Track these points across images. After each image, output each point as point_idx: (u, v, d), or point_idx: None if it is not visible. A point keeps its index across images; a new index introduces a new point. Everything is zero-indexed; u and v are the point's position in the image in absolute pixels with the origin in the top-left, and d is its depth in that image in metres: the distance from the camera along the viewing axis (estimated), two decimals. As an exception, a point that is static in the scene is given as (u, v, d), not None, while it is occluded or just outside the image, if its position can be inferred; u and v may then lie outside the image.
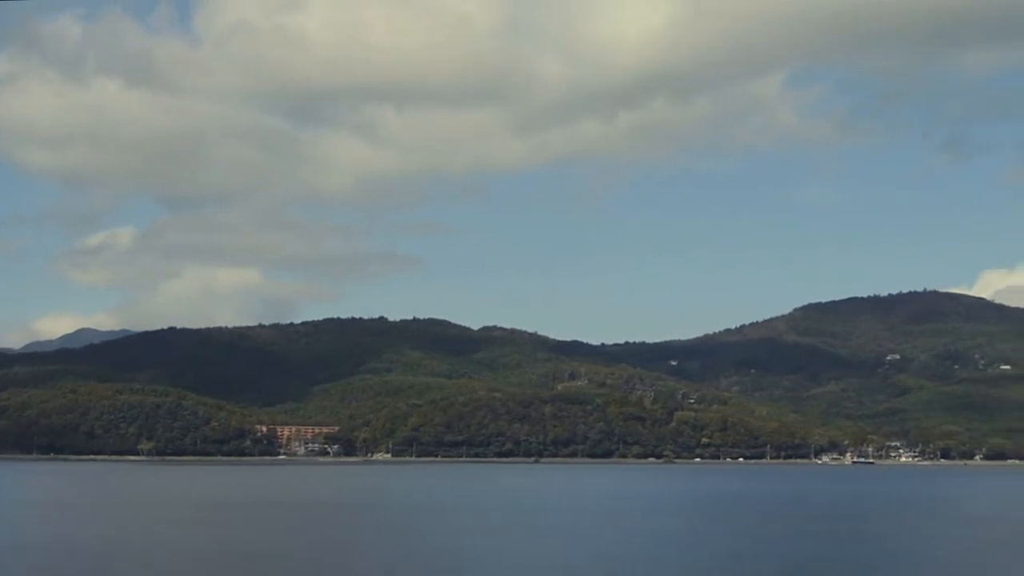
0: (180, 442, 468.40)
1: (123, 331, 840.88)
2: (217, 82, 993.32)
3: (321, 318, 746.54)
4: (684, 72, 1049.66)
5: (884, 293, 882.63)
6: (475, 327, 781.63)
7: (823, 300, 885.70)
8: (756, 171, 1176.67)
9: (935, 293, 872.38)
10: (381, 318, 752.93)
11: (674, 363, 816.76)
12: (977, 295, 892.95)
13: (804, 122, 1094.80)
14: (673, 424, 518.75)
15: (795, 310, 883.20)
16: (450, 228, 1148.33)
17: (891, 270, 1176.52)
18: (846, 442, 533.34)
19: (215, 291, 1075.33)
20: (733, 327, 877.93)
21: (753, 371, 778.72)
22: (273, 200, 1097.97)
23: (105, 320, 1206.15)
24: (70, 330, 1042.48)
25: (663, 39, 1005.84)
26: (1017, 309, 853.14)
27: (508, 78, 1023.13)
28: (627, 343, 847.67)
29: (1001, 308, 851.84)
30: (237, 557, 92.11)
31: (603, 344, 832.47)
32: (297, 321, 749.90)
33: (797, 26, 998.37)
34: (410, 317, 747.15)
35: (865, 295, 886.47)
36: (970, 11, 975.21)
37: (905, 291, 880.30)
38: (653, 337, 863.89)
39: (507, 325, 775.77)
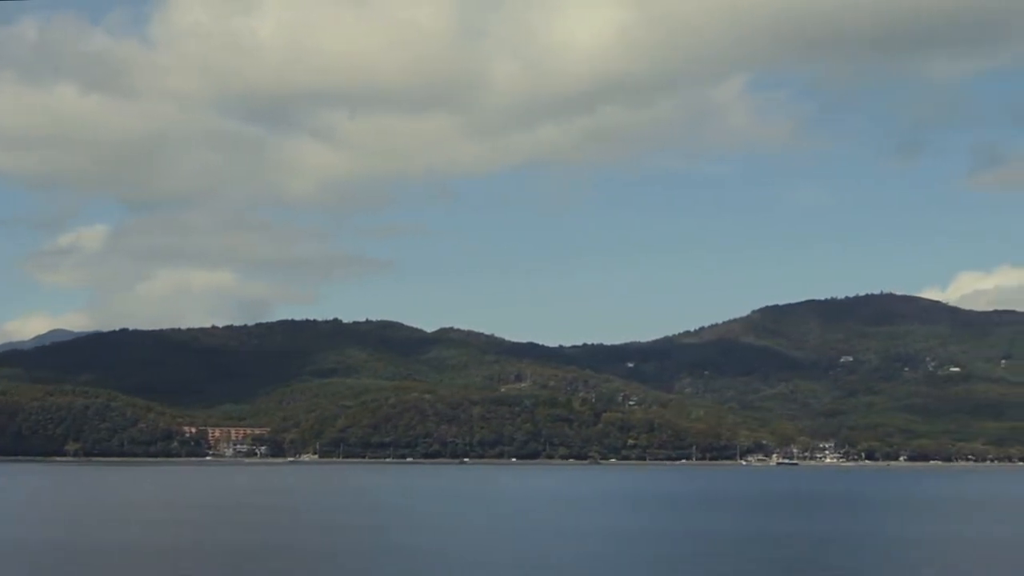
0: (107, 443, 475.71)
1: (96, 332, 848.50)
2: (174, 86, 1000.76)
3: (276, 320, 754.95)
4: (640, 77, 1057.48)
5: (841, 296, 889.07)
6: (433, 328, 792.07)
7: (781, 303, 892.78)
8: (717, 174, 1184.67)
9: (891, 296, 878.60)
10: (335, 320, 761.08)
11: (631, 365, 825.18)
12: (935, 298, 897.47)
13: (762, 126, 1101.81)
14: (600, 426, 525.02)
15: (752, 312, 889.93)
16: (419, 231, 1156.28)
17: (852, 273, 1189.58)
18: (772, 444, 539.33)
19: (187, 292, 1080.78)
20: (692, 329, 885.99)
21: (707, 373, 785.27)
22: (237, 203, 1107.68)
23: (77, 320, 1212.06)
24: (43, 331, 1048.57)
25: (617, 44, 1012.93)
26: (971, 312, 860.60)
27: (462, 83, 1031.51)
28: (585, 345, 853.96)
29: (955, 311, 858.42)
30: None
31: (560, 346, 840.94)
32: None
33: (754, 31, 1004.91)
34: (363, 319, 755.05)
35: (823, 298, 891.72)
36: (932, 17, 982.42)
37: (862, 294, 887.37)
38: (616, 339, 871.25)
39: (469, 327, 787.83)
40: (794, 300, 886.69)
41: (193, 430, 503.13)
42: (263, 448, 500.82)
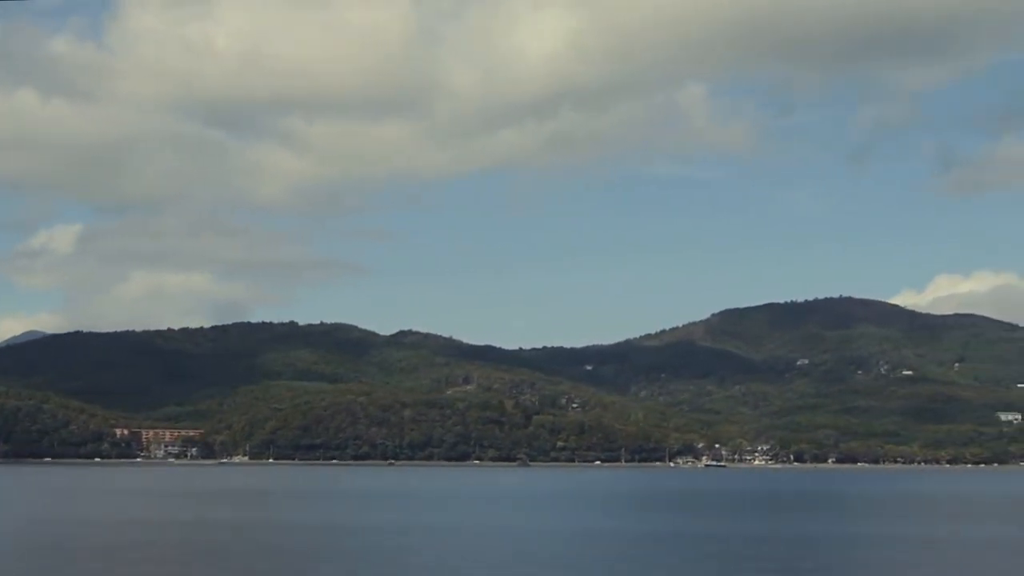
0: (37, 444, 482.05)
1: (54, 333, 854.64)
2: (134, 92, 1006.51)
3: (230, 322, 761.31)
4: (598, 82, 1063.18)
5: (800, 299, 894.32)
6: (393, 331, 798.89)
7: (741, 306, 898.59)
8: (680, 179, 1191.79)
9: (849, 300, 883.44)
10: (291, 322, 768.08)
11: (589, 368, 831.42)
12: (906, 303, 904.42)
13: (721, 131, 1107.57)
14: (531, 428, 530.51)
15: (712, 315, 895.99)
16: (388, 235, 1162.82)
17: (813, 277, 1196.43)
18: (701, 445, 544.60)
19: (160, 294, 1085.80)
20: (653, 332, 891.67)
21: (663, 375, 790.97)
22: (206, 207, 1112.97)
23: (52, 321, 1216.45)
24: (17, 332, 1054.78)
25: (574, 50, 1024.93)
26: (929, 315, 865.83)
27: (421, 90, 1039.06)
28: (544, 348, 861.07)
29: (913, 315, 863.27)
30: None
31: (520, 348, 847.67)
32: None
33: (710, 37, 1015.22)
34: (318, 322, 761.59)
35: (782, 301, 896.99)
36: (888, 25, 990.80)
37: (821, 297, 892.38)
38: (579, 342, 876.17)
39: (436, 329, 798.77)
40: (755, 303, 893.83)
41: (125, 432, 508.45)
42: (194, 450, 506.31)
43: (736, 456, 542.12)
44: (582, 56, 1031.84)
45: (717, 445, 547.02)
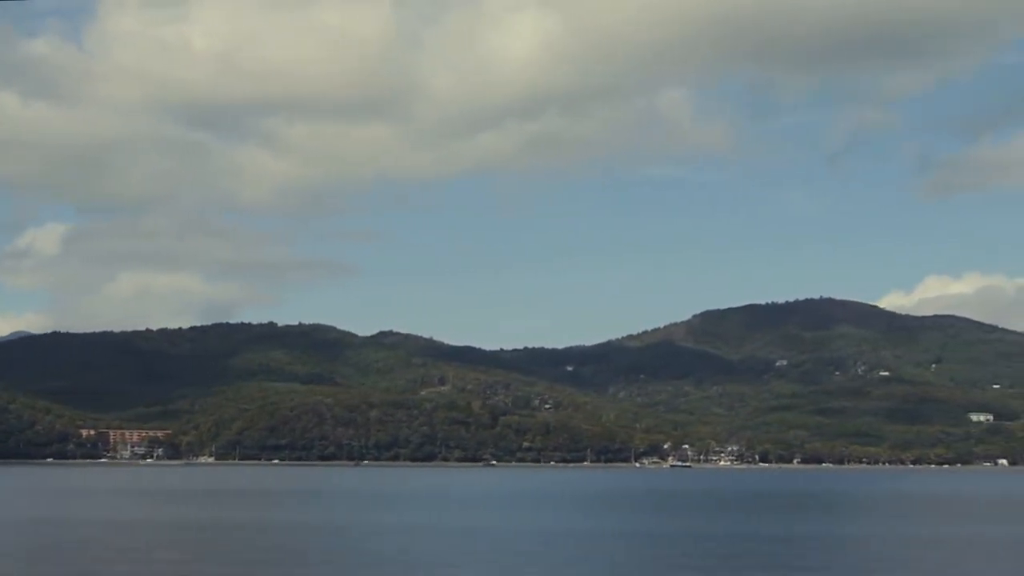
0: (3, 445, 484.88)
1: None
2: (115, 95, 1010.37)
3: (211, 323, 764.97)
4: (577, 86, 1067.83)
5: (781, 300, 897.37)
6: (374, 331, 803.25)
7: (722, 307, 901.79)
8: (667, 179, 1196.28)
9: (830, 301, 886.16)
10: (270, 323, 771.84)
11: (570, 368, 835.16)
12: (874, 304, 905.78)
13: (703, 132, 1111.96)
14: (497, 428, 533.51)
15: (693, 316, 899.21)
16: (376, 236, 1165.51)
17: (795, 278, 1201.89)
18: (667, 446, 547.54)
19: (147, 295, 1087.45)
20: (635, 333, 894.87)
21: (642, 376, 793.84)
22: (190, 209, 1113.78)
23: (39, 322, 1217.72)
24: (5, 332, 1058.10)
25: (554, 54, 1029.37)
26: (908, 317, 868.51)
27: (401, 92, 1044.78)
28: (526, 349, 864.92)
29: (893, 316, 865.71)
30: None
31: (501, 349, 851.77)
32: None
33: (693, 38, 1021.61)
34: (296, 323, 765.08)
35: (763, 302, 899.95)
36: (869, 29, 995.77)
37: (801, 299, 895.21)
38: (562, 343, 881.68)
39: (423, 331, 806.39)
40: (736, 304, 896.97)
41: (92, 432, 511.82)
42: (159, 451, 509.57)
43: (702, 457, 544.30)
44: (563, 58, 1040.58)
45: (684, 446, 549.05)
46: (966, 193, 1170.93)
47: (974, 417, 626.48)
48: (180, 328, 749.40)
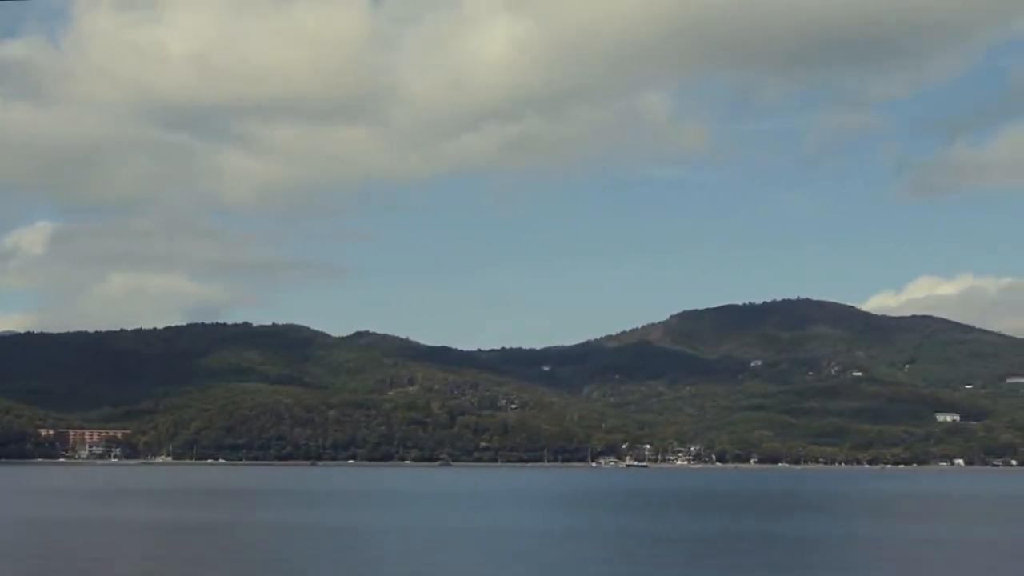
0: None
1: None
2: (94, 97, 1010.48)
3: (185, 323, 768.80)
4: (558, 86, 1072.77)
5: (759, 301, 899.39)
6: (351, 331, 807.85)
7: (699, 307, 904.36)
8: (648, 180, 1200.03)
9: (807, 301, 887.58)
10: (245, 323, 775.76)
11: (547, 368, 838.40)
12: (850, 304, 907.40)
13: (681, 134, 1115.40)
14: (455, 428, 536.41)
15: (671, 317, 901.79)
16: (357, 236, 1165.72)
17: (774, 278, 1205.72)
18: (624, 446, 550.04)
19: (134, 295, 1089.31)
20: (614, 333, 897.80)
21: (617, 377, 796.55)
22: (174, 210, 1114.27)
23: (25, 321, 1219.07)
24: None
25: (532, 55, 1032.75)
26: (885, 317, 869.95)
27: (379, 94, 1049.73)
28: (503, 349, 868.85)
29: (869, 316, 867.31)
30: None
31: (479, 349, 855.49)
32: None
33: (673, 41, 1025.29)
34: (269, 323, 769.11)
35: (741, 303, 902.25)
36: (852, 30, 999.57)
37: (779, 299, 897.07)
38: (546, 343, 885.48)
39: (392, 331, 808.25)
40: (714, 305, 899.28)
41: (51, 432, 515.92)
42: (117, 450, 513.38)
43: (659, 457, 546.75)
44: (541, 61, 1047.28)
45: (642, 445, 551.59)
46: (946, 194, 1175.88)
47: (940, 417, 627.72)
48: (155, 328, 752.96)
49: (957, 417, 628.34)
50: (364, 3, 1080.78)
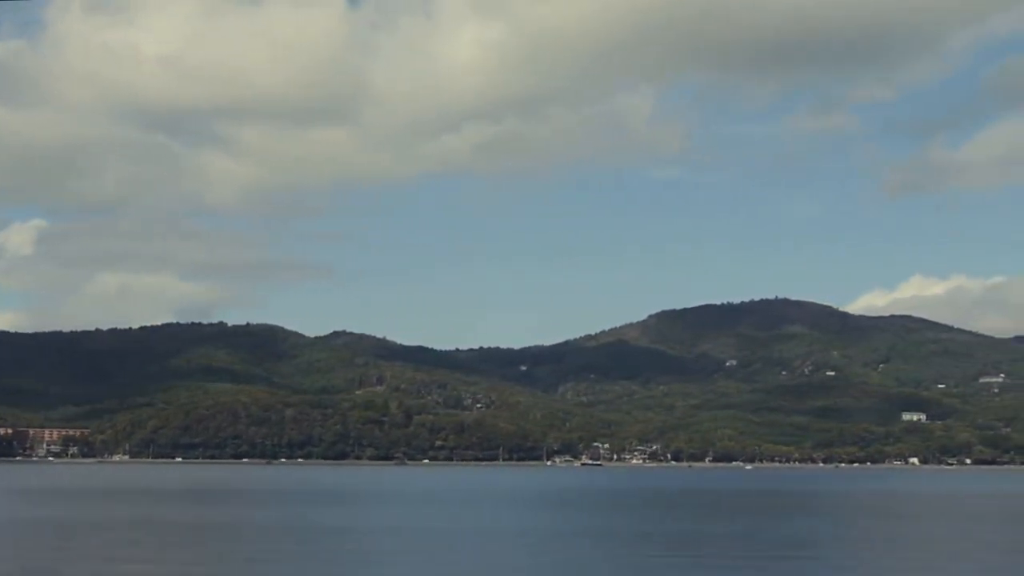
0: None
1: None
2: (73, 99, 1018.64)
3: (161, 323, 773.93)
4: (535, 88, 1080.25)
5: (737, 300, 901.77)
6: (328, 331, 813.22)
7: (677, 307, 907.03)
8: (628, 180, 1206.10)
9: (785, 301, 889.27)
10: (220, 323, 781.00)
11: (524, 368, 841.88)
12: (826, 304, 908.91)
13: (660, 135, 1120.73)
14: (411, 427, 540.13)
15: (649, 316, 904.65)
16: (338, 237, 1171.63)
17: (747, 279, 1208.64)
18: (580, 444, 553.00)
19: (123, 295, 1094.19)
20: (593, 333, 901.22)
21: (592, 376, 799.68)
22: (157, 211, 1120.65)
23: (12, 320, 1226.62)
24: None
25: (508, 57, 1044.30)
26: (862, 317, 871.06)
27: (355, 97, 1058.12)
28: (482, 348, 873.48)
29: (846, 316, 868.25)
30: None
31: (457, 349, 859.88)
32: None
33: (650, 44, 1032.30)
34: (244, 323, 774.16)
35: (719, 302, 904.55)
36: (826, 32, 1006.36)
37: (757, 299, 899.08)
38: (526, 343, 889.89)
39: (369, 331, 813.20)
40: (692, 304, 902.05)
41: (9, 431, 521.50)
42: (74, 449, 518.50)
43: (615, 455, 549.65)
44: (516, 64, 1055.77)
45: (596, 444, 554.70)
46: (924, 195, 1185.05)
47: (905, 417, 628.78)
48: (130, 328, 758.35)
49: (923, 416, 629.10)
50: (341, 7, 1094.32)
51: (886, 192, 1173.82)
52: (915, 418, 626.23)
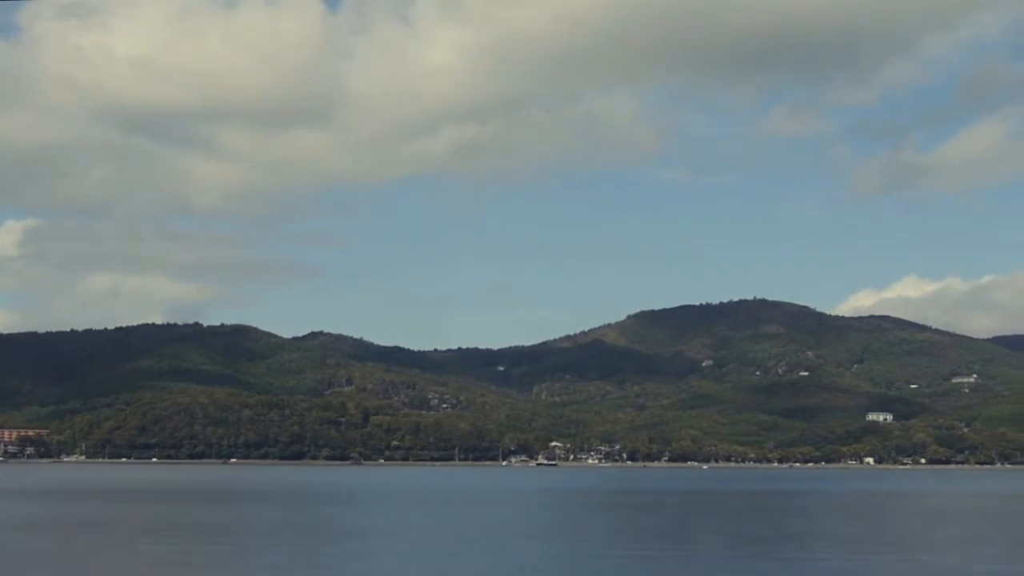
0: None
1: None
2: (52, 102, 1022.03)
3: (137, 324, 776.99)
4: (509, 92, 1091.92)
5: (715, 301, 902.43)
6: (305, 332, 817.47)
7: (656, 308, 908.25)
8: (605, 182, 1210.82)
9: (762, 302, 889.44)
10: (196, 323, 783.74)
11: (501, 369, 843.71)
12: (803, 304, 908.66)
13: (639, 136, 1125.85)
14: (368, 428, 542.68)
15: (628, 317, 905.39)
16: (321, 239, 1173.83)
17: (726, 279, 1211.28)
18: (536, 445, 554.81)
19: (112, 295, 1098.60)
20: (573, 333, 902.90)
21: (568, 376, 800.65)
22: (144, 213, 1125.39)
23: (7, 320, 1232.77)
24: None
25: (482, 61, 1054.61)
26: (839, 318, 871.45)
27: (333, 100, 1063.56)
28: (460, 349, 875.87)
29: (822, 316, 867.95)
30: None
31: (436, 350, 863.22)
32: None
33: (618, 48, 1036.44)
34: (218, 324, 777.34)
35: (698, 303, 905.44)
36: (798, 35, 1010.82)
37: (736, 299, 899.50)
38: (506, 343, 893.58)
39: (345, 331, 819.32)
40: (670, 305, 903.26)
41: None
42: (31, 449, 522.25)
43: (572, 455, 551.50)
44: (494, 67, 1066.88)
45: (556, 444, 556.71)
46: (899, 198, 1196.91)
47: (871, 417, 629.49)
48: (105, 329, 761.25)
49: (889, 416, 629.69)
50: (319, 12, 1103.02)
51: (864, 194, 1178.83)
52: (881, 418, 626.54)
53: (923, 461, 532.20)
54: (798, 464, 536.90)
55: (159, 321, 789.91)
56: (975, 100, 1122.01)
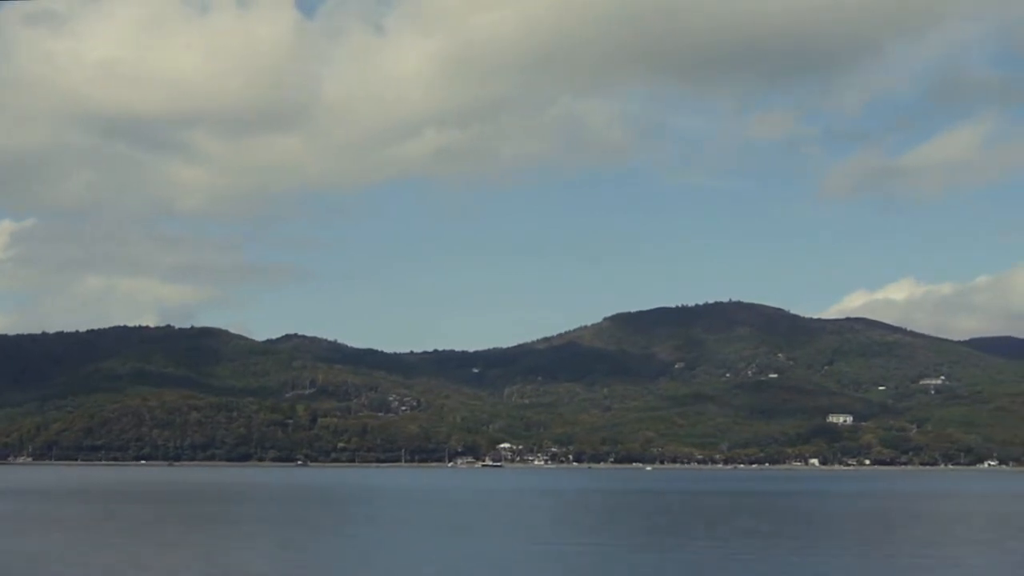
0: None
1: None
2: (31, 107, 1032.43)
3: (108, 326, 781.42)
4: (484, 98, 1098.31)
5: (691, 304, 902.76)
6: (279, 334, 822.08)
7: (632, 310, 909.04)
8: (584, 184, 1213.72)
9: (737, 304, 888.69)
10: (167, 326, 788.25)
11: (476, 371, 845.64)
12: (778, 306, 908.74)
13: (614, 138, 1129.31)
14: (315, 430, 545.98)
15: (604, 319, 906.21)
16: (304, 243, 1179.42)
17: (701, 281, 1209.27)
18: (484, 446, 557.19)
19: (103, 298, 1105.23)
20: (551, 335, 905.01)
21: (540, 378, 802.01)
22: (126, 217, 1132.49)
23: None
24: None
25: (456, 68, 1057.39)
26: (812, 319, 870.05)
27: (308, 105, 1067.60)
28: (436, 351, 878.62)
29: (795, 319, 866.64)
30: None
31: (411, 352, 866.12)
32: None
33: (594, 53, 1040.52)
34: (189, 326, 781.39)
35: (673, 305, 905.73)
36: (771, 40, 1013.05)
37: (711, 301, 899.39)
38: (483, 346, 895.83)
39: (321, 334, 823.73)
40: (647, 307, 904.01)
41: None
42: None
43: (518, 457, 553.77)
44: (468, 72, 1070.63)
45: (501, 446, 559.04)
46: (869, 202, 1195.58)
47: (831, 419, 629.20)
48: (77, 331, 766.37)
49: (849, 418, 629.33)
50: (293, 18, 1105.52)
51: (837, 197, 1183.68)
52: (841, 420, 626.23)
53: (867, 462, 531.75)
54: (742, 465, 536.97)
55: (138, 324, 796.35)
56: (947, 105, 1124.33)
